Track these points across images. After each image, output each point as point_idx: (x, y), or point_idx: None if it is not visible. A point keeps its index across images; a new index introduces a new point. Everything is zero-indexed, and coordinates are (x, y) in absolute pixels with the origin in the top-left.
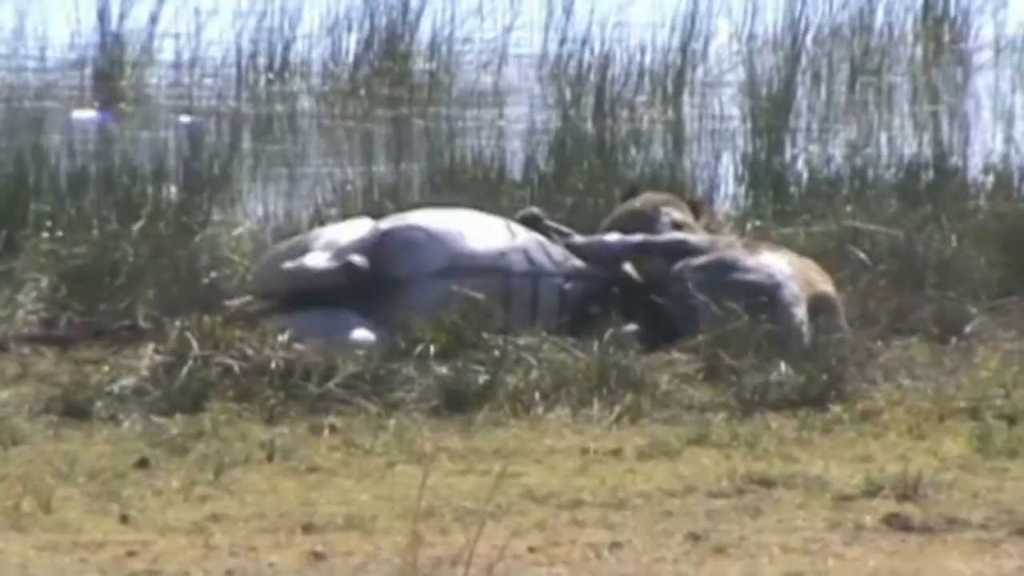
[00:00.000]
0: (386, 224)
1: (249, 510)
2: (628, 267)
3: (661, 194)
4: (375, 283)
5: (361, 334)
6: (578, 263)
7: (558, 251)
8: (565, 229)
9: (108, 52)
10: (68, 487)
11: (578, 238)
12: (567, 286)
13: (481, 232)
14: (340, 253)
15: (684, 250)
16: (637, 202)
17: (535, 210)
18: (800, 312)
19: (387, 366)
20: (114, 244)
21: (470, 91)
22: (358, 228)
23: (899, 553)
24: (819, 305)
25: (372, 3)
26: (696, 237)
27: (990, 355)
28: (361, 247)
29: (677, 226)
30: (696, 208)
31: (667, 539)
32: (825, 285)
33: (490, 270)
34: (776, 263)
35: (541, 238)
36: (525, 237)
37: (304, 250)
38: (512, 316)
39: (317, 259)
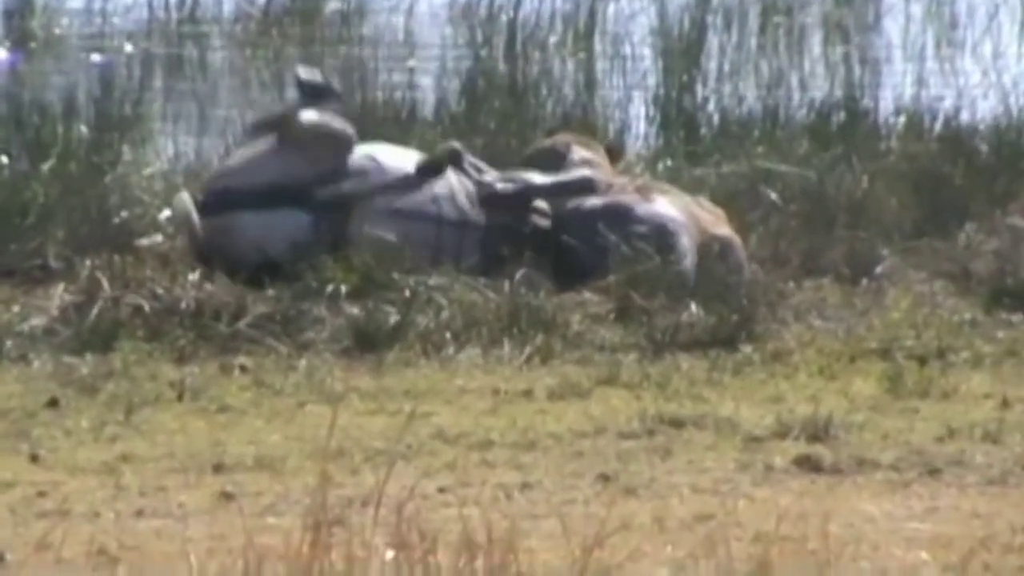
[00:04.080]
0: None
1: (159, 450)
2: (539, 206)
3: (573, 134)
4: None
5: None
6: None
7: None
8: (484, 167)
9: None
10: None
11: (486, 177)
12: (489, 231)
13: (419, 176)
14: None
15: (589, 189)
16: (548, 140)
17: (456, 145)
18: (689, 261)
19: (297, 306)
20: (24, 184)
21: (381, 30)
22: None
23: (809, 494)
24: (715, 247)
25: None
26: (598, 176)
27: (901, 296)
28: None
29: (586, 163)
30: (612, 153)
31: (577, 480)
32: (720, 227)
33: (423, 215)
34: (667, 210)
35: (466, 182)
36: (452, 179)
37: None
38: (438, 261)
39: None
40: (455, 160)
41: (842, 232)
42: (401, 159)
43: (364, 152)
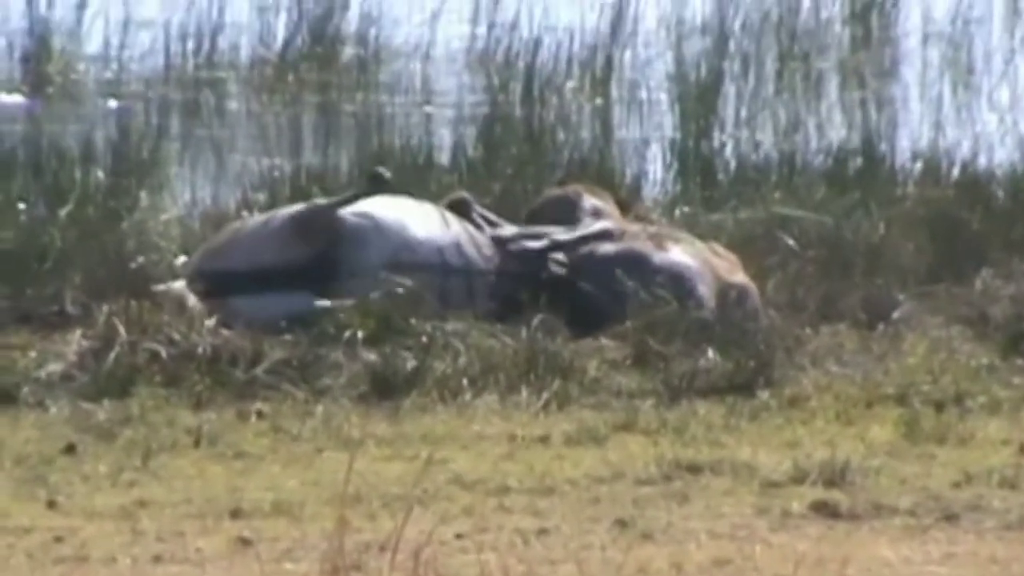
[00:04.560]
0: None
1: (176, 496)
2: (556, 257)
3: (583, 184)
4: (325, 269)
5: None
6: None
7: (487, 243)
8: (493, 217)
9: (36, 37)
10: None
11: (502, 234)
12: (498, 280)
13: (421, 225)
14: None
15: (608, 239)
16: (559, 189)
17: (465, 195)
18: (708, 309)
19: (315, 352)
20: (42, 229)
21: (398, 76)
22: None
23: (826, 539)
24: (732, 294)
25: None
26: (614, 226)
27: (918, 341)
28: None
29: (597, 212)
30: (623, 205)
31: (594, 525)
32: (735, 274)
33: (428, 267)
34: (683, 258)
35: (472, 230)
36: (459, 230)
37: (284, 216)
38: (446, 310)
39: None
40: (463, 209)
41: (859, 278)
42: (399, 211)
43: (361, 212)
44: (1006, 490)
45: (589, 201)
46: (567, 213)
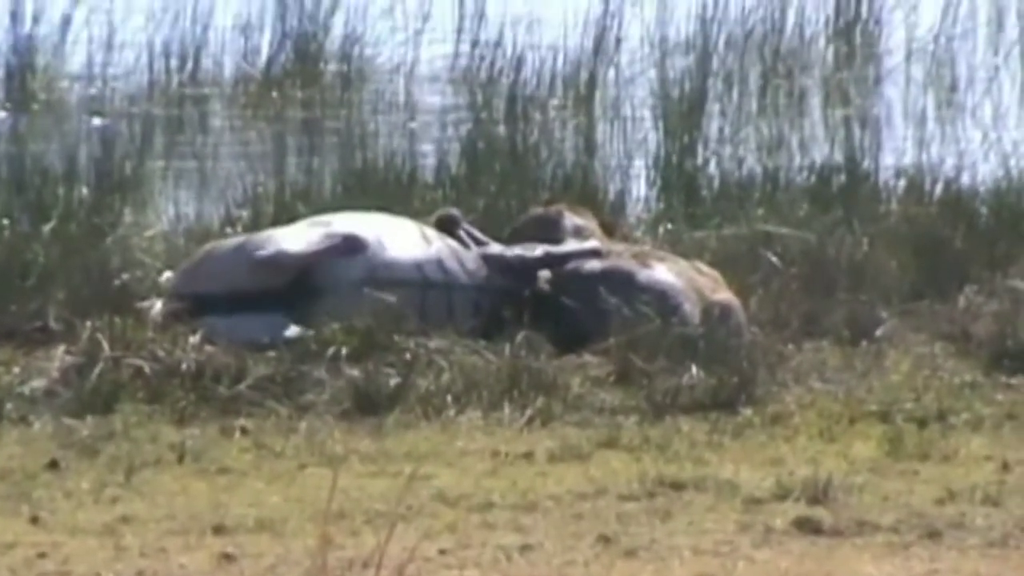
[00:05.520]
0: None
1: (159, 511)
2: (543, 274)
3: (566, 203)
4: (297, 288)
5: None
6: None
7: (471, 258)
8: (480, 236)
9: (20, 54)
10: None
11: (493, 249)
12: (481, 296)
13: (399, 241)
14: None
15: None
16: (541, 208)
17: (453, 211)
18: (692, 328)
19: (298, 368)
20: (25, 245)
21: (382, 93)
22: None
23: (809, 556)
24: (715, 311)
25: (284, 4)
26: (601, 246)
27: (901, 358)
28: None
29: (579, 231)
30: (606, 226)
31: (578, 542)
32: (719, 291)
33: (407, 282)
34: (667, 276)
35: (455, 245)
36: (440, 246)
37: (254, 249)
38: (427, 326)
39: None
40: (450, 226)
41: (842, 294)
42: (376, 229)
43: (336, 232)
44: (989, 507)
45: (571, 220)
46: (549, 232)
